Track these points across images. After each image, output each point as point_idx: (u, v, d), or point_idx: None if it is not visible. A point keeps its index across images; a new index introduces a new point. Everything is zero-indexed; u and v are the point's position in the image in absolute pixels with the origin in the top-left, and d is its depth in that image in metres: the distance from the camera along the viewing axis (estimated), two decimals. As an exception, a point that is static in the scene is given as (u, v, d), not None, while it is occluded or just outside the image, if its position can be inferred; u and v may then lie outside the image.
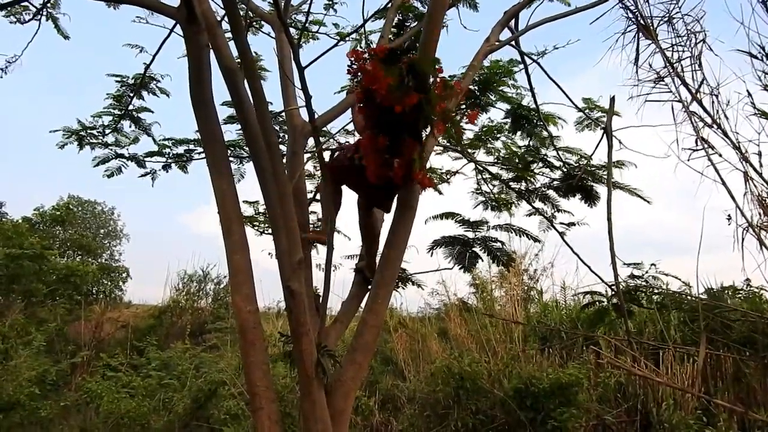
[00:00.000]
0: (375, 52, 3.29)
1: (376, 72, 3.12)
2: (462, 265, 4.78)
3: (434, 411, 8.09)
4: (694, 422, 7.36)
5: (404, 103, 3.09)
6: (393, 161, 3.29)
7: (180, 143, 5.78)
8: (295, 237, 3.30)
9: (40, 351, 10.08)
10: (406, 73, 3.16)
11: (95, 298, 16.79)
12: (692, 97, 3.39)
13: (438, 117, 3.27)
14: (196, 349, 12.24)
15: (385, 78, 3.09)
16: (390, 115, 3.14)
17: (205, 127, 3.74)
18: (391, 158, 3.29)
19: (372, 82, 3.13)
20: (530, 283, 11.49)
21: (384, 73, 3.11)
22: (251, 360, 3.52)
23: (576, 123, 5.92)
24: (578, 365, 8.39)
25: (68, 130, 5.91)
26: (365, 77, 3.19)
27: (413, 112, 3.16)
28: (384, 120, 3.23)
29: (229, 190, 3.69)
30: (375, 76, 3.12)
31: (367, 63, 3.23)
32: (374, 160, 3.30)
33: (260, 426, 3.44)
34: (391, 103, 3.10)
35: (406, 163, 3.31)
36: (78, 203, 20.48)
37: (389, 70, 3.13)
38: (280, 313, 13.09)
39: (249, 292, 3.57)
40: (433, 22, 3.47)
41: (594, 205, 5.71)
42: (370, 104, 3.23)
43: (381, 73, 3.11)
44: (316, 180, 5.90)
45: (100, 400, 9.37)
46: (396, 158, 3.29)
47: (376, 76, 3.11)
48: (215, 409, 8.87)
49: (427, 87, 3.22)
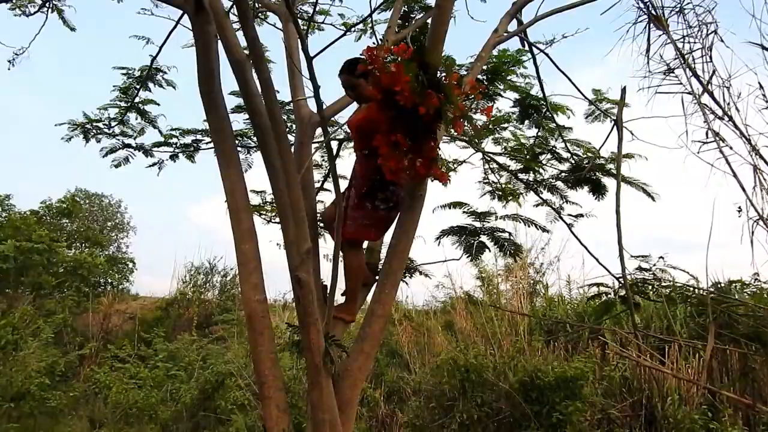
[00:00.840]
0: (397, 51, 3.20)
1: (399, 72, 3.06)
2: (469, 254, 4.79)
3: (439, 403, 8.11)
4: (699, 417, 7.36)
5: (428, 105, 3.05)
6: (415, 161, 3.27)
7: (187, 133, 5.78)
8: (303, 227, 3.30)
9: (48, 342, 10.16)
10: (419, 70, 3.12)
11: (103, 290, 16.88)
12: (703, 89, 3.38)
13: (457, 117, 3.24)
14: (203, 340, 12.33)
15: (405, 77, 3.04)
16: (409, 115, 3.11)
17: (213, 117, 3.75)
18: (413, 157, 3.27)
19: (393, 82, 3.07)
20: (536, 277, 11.49)
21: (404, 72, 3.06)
22: (259, 349, 3.53)
23: (585, 115, 5.89)
24: (584, 359, 8.38)
25: (74, 123, 5.92)
26: (384, 77, 3.12)
27: (434, 113, 3.12)
28: (403, 120, 3.18)
29: (237, 180, 3.70)
30: (397, 77, 3.05)
31: (389, 63, 3.16)
32: (394, 160, 3.24)
33: (268, 415, 3.46)
34: (414, 104, 3.05)
35: (427, 161, 3.30)
36: (85, 196, 20.57)
37: (407, 68, 3.08)
38: (287, 306, 13.15)
39: (257, 281, 3.59)
40: (442, 13, 3.46)
41: (602, 197, 5.69)
42: (389, 104, 3.16)
43: (403, 74, 3.05)
44: (323, 170, 5.90)
45: (108, 391, 9.48)
46: (417, 157, 3.28)
47: (397, 76, 3.05)
48: (222, 399, 8.93)
49: (441, 84, 3.18)
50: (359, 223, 3.93)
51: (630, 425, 8.05)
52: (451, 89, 3.17)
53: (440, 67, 3.33)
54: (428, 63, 3.22)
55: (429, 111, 3.07)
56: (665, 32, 3.51)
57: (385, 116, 3.27)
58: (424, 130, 3.25)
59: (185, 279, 15.86)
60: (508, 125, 6.03)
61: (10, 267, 12.99)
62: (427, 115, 3.09)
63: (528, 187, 5.75)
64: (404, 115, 3.16)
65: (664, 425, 7.87)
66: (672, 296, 5.40)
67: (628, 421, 8.14)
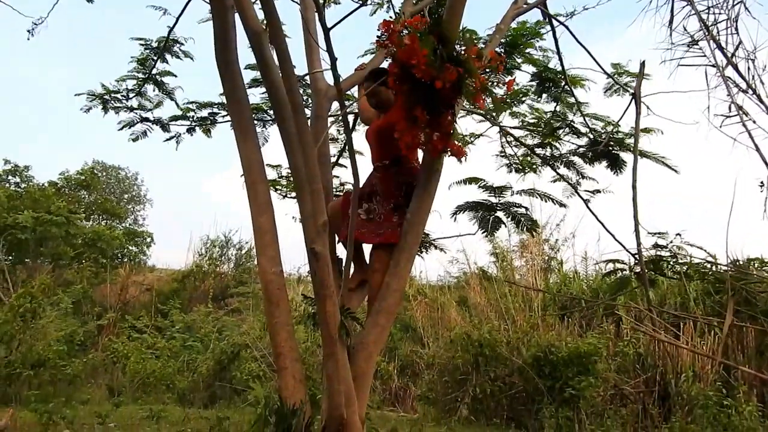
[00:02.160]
0: (411, 24, 3.20)
1: (414, 45, 3.04)
2: (485, 229, 4.77)
3: (453, 377, 8.17)
4: (714, 394, 7.36)
5: (445, 79, 3.02)
6: (432, 135, 3.24)
7: (204, 106, 5.79)
8: (320, 199, 3.30)
9: (67, 312, 10.33)
10: (437, 43, 3.08)
11: (120, 261, 17.11)
12: (727, 62, 3.31)
13: (478, 90, 3.19)
14: (219, 312, 12.50)
15: (422, 50, 3.01)
16: (427, 89, 3.08)
17: (230, 89, 3.74)
18: (430, 132, 3.24)
19: (409, 56, 3.05)
20: (551, 253, 11.45)
21: (420, 46, 3.04)
22: (276, 321, 3.57)
23: (604, 89, 5.80)
24: (598, 335, 8.39)
25: (92, 94, 5.94)
26: (400, 52, 3.11)
27: (452, 86, 3.08)
28: (421, 94, 3.15)
29: (254, 153, 3.70)
30: (412, 50, 3.03)
31: (404, 36, 3.13)
32: (411, 135, 3.23)
33: (285, 385, 3.50)
34: (431, 78, 3.03)
35: (444, 135, 3.26)
36: (102, 168, 20.76)
37: (424, 42, 3.06)
38: (301, 279, 13.24)
39: (274, 253, 3.61)
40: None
41: (620, 172, 5.63)
42: (406, 78, 3.13)
43: (418, 47, 3.03)
44: (339, 144, 5.89)
45: (126, 360, 9.65)
46: (434, 132, 3.24)
47: (413, 49, 3.03)
48: (238, 371, 9.07)
49: (460, 57, 3.13)
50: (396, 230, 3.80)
51: (643, 401, 8.07)
52: (470, 62, 3.12)
53: (459, 40, 3.29)
54: (446, 36, 3.17)
55: (446, 84, 3.04)
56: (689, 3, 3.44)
57: (402, 90, 3.23)
58: (441, 104, 3.21)
59: (201, 252, 16.04)
60: (526, 99, 5.96)
61: (29, 238, 13.17)
62: (444, 88, 3.06)
63: (545, 162, 5.70)
64: (421, 88, 3.12)
65: (677, 401, 7.88)
66: (689, 273, 5.36)
67: (641, 397, 8.16)
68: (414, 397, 9.22)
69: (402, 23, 3.24)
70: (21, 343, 7.98)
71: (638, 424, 7.76)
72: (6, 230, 12.87)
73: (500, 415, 7.74)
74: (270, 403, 3.55)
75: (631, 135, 5.32)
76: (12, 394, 7.57)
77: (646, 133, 5.32)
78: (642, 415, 7.94)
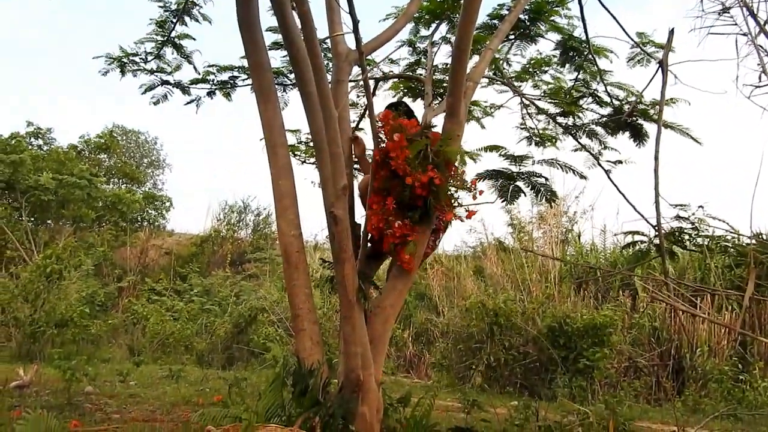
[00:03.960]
0: (407, 125, 3.57)
1: (401, 143, 3.39)
2: (504, 198, 4.75)
3: (467, 345, 8.24)
4: (729, 368, 7.35)
5: (415, 178, 3.33)
6: (394, 223, 3.43)
7: (224, 70, 5.74)
8: (340, 163, 3.30)
9: (88, 274, 10.51)
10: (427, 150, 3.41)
11: (140, 225, 17.31)
12: (760, 29, 3.21)
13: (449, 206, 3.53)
14: (236, 277, 12.66)
15: (404, 151, 3.36)
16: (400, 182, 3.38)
17: (252, 51, 3.71)
18: (393, 220, 3.44)
19: (393, 149, 3.40)
20: (569, 225, 11.39)
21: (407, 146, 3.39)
22: (294, 283, 3.60)
23: (628, 59, 5.67)
24: (613, 307, 8.38)
25: (110, 57, 5.91)
26: (388, 143, 3.46)
27: (422, 187, 3.36)
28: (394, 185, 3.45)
29: (274, 115, 3.69)
30: (397, 146, 3.38)
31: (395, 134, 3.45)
32: (376, 217, 3.45)
33: (302, 346, 3.55)
34: (404, 174, 3.36)
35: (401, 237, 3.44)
36: (122, 132, 20.85)
37: (412, 145, 3.39)
38: (318, 246, 13.32)
39: (293, 217, 3.63)
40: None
41: (643, 144, 5.53)
42: (385, 166, 3.46)
43: (403, 144, 3.39)
44: (359, 109, 5.84)
45: (146, 322, 9.85)
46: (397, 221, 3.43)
47: (398, 145, 3.38)
48: (255, 334, 9.22)
49: (447, 174, 3.47)
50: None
51: (657, 374, 8.10)
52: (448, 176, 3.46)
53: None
54: (443, 157, 3.48)
55: (415, 183, 3.34)
56: (723, -32, 3.33)
57: (379, 176, 3.52)
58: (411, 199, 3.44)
59: (219, 217, 16.17)
60: (548, 68, 5.85)
61: (52, 199, 13.35)
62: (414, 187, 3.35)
63: (567, 132, 5.61)
64: (396, 180, 3.44)
65: (691, 375, 7.89)
66: (710, 247, 5.30)
67: (655, 370, 8.18)
68: (428, 365, 9.32)
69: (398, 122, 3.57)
70: (45, 302, 8.15)
71: (651, 396, 7.81)
72: (29, 191, 13.04)
73: (513, 383, 7.81)
74: (287, 364, 3.60)
75: (655, 105, 5.21)
76: (36, 351, 7.77)
77: (671, 104, 5.22)
78: (656, 387, 7.98)
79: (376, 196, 3.52)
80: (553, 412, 4.90)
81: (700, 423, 5.06)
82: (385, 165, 3.45)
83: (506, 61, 5.90)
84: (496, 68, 5.80)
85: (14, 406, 4.39)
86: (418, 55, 5.88)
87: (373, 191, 3.52)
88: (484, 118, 6.35)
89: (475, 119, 6.29)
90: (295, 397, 3.31)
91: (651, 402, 7.65)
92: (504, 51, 5.77)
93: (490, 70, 5.57)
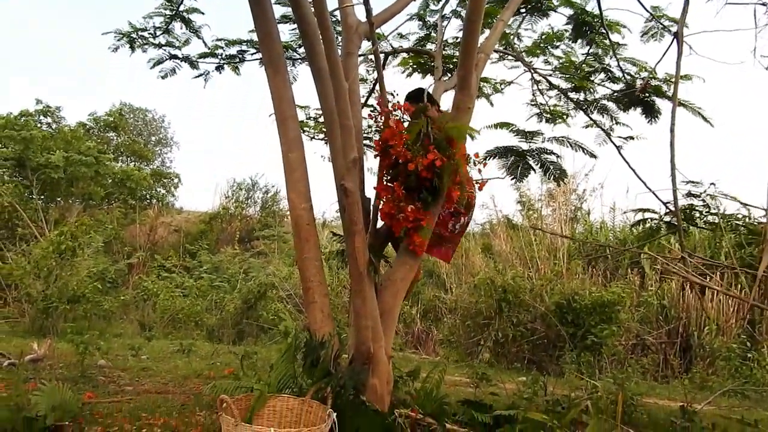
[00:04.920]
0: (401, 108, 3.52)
1: (397, 129, 3.36)
2: (514, 175, 4.73)
3: (475, 321, 8.27)
4: (738, 347, 7.35)
5: (418, 162, 3.27)
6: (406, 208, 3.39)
7: (233, 44, 5.71)
8: (350, 135, 3.28)
9: (98, 251, 10.59)
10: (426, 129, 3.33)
11: (149, 203, 17.37)
12: (779, -1, 3.16)
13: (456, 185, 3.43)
14: (245, 254, 12.73)
15: (402, 136, 3.32)
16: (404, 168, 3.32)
17: (261, 22, 3.68)
18: (405, 205, 3.39)
19: (391, 137, 3.35)
20: (578, 203, 11.36)
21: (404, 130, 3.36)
22: (305, 256, 3.61)
23: (641, 33, 5.59)
24: (622, 285, 8.38)
25: (120, 32, 5.89)
26: (386, 131, 3.40)
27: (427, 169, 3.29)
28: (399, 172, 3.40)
29: (284, 88, 3.68)
30: (393, 132, 3.34)
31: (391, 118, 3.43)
32: (388, 205, 3.44)
33: (313, 319, 3.57)
34: (406, 160, 3.29)
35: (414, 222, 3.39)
36: (130, 110, 20.81)
37: (411, 128, 3.33)
38: (325, 224, 13.35)
39: (304, 189, 3.63)
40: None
41: (655, 120, 5.47)
42: (386, 155, 3.42)
43: (401, 129, 3.36)
44: (369, 84, 5.81)
45: (156, 298, 9.94)
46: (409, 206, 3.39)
47: (394, 132, 3.34)
48: (264, 310, 9.28)
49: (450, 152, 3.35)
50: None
51: (665, 351, 8.12)
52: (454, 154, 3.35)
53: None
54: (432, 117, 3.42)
55: (419, 167, 3.27)
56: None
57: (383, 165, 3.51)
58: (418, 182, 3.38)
59: (228, 194, 16.21)
60: (560, 43, 5.79)
61: (61, 177, 13.40)
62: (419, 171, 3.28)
63: (578, 107, 5.56)
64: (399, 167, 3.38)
65: (699, 353, 7.91)
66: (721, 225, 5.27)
67: (662, 348, 8.20)
68: (436, 341, 9.37)
69: (394, 106, 3.53)
70: (57, 278, 8.23)
71: (659, 373, 7.83)
72: (39, 169, 13.10)
73: (521, 359, 7.86)
74: (298, 338, 3.62)
75: (668, 80, 5.15)
76: (49, 327, 7.86)
77: (685, 81, 5.15)
78: (663, 364, 8.00)
79: (384, 185, 3.52)
80: (560, 388, 4.93)
81: (708, 399, 5.08)
82: (386, 154, 3.43)
83: (517, 36, 5.85)
84: (507, 43, 5.75)
85: (29, 379, 4.45)
86: (428, 30, 5.84)
87: (380, 181, 3.54)
88: (493, 95, 6.31)
89: (485, 96, 6.26)
90: (306, 368, 3.33)
91: (658, 379, 7.68)
92: (515, 26, 5.71)
93: (500, 45, 5.52)
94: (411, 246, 3.53)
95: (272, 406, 3.01)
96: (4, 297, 9.03)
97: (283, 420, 3.00)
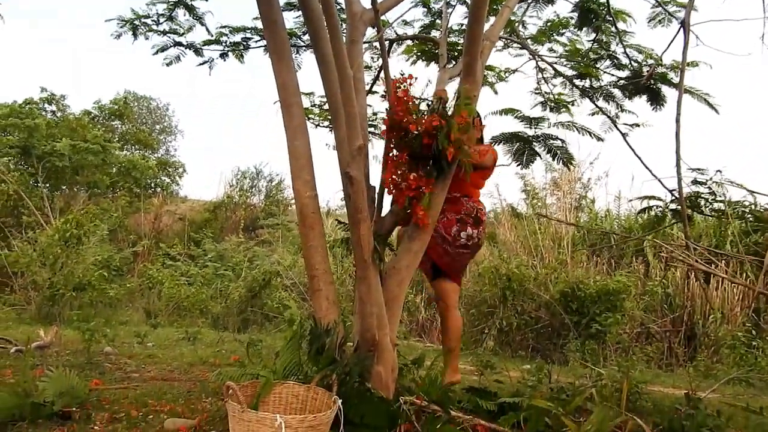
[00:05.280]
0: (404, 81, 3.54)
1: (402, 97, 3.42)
2: (519, 162, 4.71)
3: (479, 310, 8.29)
4: (743, 335, 7.35)
5: (419, 123, 3.33)
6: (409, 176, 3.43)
7: (237, 31, 5.69)
8: (355, 123, 3.26)
9: (104, 239, 10.62)
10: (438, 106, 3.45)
11: (153, 191, 17.41)
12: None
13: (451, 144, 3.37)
14: (250, 242, 12.77)
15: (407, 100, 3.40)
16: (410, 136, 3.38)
17: (265, 8, 3.66)
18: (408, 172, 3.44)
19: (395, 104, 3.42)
20: (582, 192, 11.32)
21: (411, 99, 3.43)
22: (310, 244, 3.61)
23: (648, 19, 5.55)
24: (627, 273, 8.38)
25: (123, 20, 5.87)
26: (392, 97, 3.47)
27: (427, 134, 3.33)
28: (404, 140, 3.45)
29: (289, 74, 3.66)
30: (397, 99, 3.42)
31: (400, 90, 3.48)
32: (391, 171, 3.49)
33: (318, 306, 3.57)
34: (407, 122, 3.34)
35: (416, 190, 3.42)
36: (134, 99, 20.81)
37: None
38: (330, 213, 13.36)
39: (309, 177, 3.62)
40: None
41: (661, 108, 5.44)
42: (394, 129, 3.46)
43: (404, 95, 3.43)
44: (373, 71, 5.78)
45: (161, 286, 9.98)
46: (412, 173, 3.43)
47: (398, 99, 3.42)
48: (269, 298, 9.32)
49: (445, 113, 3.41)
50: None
51: (669, 340, 8.12)
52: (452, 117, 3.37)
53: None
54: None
55: (419, 129, 3.33)
56: None
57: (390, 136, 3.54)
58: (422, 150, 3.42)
59: (232, 183, 16.23)
60: (565, 31, 5.75)
61: (66, 166, 13.42)
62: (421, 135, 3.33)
63: (583, 94, 5.53)
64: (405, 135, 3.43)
65: (703, 342, 7.91)
66: (727, 212, 5.25)
67: (667, 336, 8.21)
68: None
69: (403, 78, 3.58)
70: (63, 266, 8.27)
71: (663, 362, 7.84)
72: (44, 158, 13.12)
73: (525, 347, 7.87)
74: (303, 326, 3.62)
75: (675, 68, 5.12)
76: (55, 314, 7.91)
77: (691, 68, 5.11)
78: (667, 353, 8.01)
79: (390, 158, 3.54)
80: (565, 375, 4.94)
81: (712, 387, 5.08)
82: (394, 128, 3.46)
83: (522, 24, 5.81)
84: (512, 31, 5.71)
85: (36, 365, 4.48)
86: (433, 17, 5.80)
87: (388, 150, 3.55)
88: (497, 83, 6.28)
89: (489, 84, 6.22)
90: (311, 355, 3.34)
91: (663, 367, 7.69)
92: (520, 13, 5.68)
93: (505, 32, 5.48)
94: (414, 218, 3.53)
95: (278, 393, 3.03)
96: (10, 284, 9.08)
97: (289, 407, 3.02)
